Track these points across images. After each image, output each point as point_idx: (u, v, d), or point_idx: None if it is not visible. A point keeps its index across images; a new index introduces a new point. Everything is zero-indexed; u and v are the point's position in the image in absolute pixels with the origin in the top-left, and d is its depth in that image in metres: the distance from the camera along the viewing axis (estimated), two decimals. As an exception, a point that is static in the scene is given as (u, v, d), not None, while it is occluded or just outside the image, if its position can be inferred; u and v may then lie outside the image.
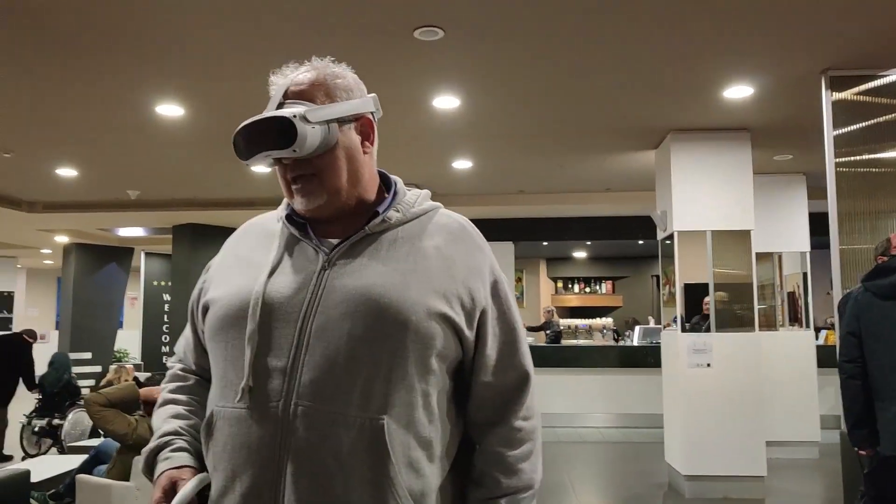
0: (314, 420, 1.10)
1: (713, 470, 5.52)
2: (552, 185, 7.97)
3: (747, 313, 5.70)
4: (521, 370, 1.27)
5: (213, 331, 1.22)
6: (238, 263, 1.27)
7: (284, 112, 1.18)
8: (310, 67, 1.28)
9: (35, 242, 12.27)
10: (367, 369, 1.12)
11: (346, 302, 1.14)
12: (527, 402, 1.27)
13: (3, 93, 4.75)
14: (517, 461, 1.23)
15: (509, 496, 1.21)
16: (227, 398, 1.17)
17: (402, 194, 1.32)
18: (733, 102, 5.08)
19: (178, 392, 1.33)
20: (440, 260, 1.22)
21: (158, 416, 1.30)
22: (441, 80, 4.63)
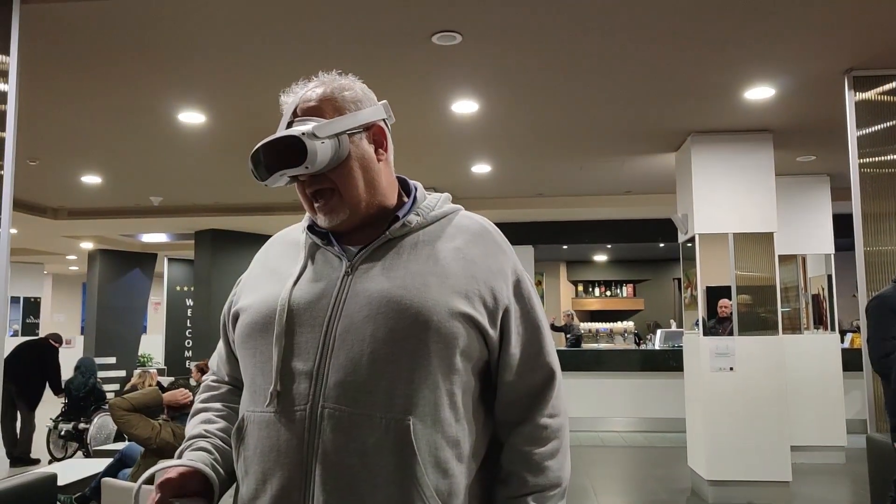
0: (340, 422, 1.11)
1: (737, 475, 5.46)
2: (572, 188, 7.95)
3: (770, 316, 5.64)
4: (547, 368, 1.28)
5: (243, 338, 1.25)
6: (266, 273, 1.31)
7: (293, 130, 1.20)
8: (317, 83, 1.29)
9: (61, 249, 12.47)
10: (391, 370, 1.13)
11: (369, 305, 1.16)
12: (552, 401, 1.27)
13: (29, 101, 4.83)
14: (543, 459, 1.23)
15: (536, 494, 1.21)
16: (256, 403, 1.19)
17: (421, 199, 1.33)
18: (755, 103, 5.03)
19: (210, 400, 1.37)
20: (461, 261, 1.23)
21: (190, 425, 1.33)
22: (459, 84, 4.64)
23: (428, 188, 1.38)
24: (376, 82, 1.32)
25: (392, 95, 4.85)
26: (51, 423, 7.72)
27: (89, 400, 7.82)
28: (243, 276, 1.41)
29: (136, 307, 12.55)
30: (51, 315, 17.43)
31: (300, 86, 1.30)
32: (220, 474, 1.23)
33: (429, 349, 1.14)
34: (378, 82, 1.34)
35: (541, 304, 1.33)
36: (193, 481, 1.18)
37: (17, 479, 3.15)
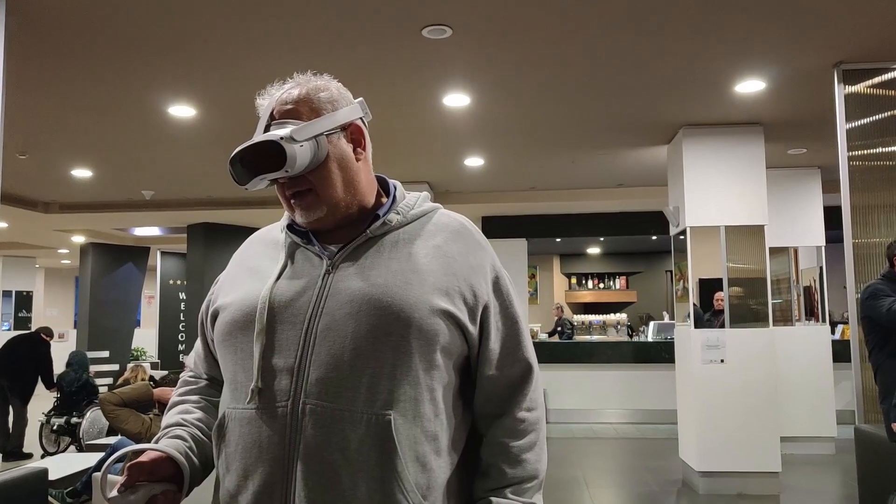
0: (322, 417, 1.12)
1: (728, 466, 5.50)
2: (564, 181, 7.95)
3: (762, 308, 5.66)
4: (525, 362, 1.30)
5: (222, 335, 1.26)
6: (245, 272, 1.32)
7: (271, 135, 1.20)
8: (293, 84, 1.30)
9: (52, 242, 12.42)
10: (372, 366, 1.14)
11: (350, 303, 1.17)
12: (530, 394, 1.29)
13: (18, 95, 4.81)
14: (521, 451, 1.25)
15: (514, 486, 1.23)
16: (237, 400, 1.20)
17: (401, 197, 1.34)
18: (745, 97, 5.04)
19: (187, 394, 1.40)
20: (441, 258, 1.24)
21: (167, 417, 1.35)
22: (450, 78, 4.63)
23: (420, 182, 1.40)
24: (367, 76, 1.33)
25: (383, 89, 4.87)
26: (43, 418, 7.72)
27: (81, 394, 7.82)
28: (221, 275, 1.41)
29: (129, 301, 12.52)
30: (43, 309, 17.37)
31: (275, 87, 1.31)
32: (192, 463, 1.24)
33: (410, 346, 1.15)
34: (369, 76, 1.35)
35: (518, 300, 1.35)
36: (165, 467, 1.18)
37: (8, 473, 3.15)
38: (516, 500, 1.22)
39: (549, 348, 9.63)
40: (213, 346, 1.34)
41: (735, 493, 5.46)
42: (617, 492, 5.93)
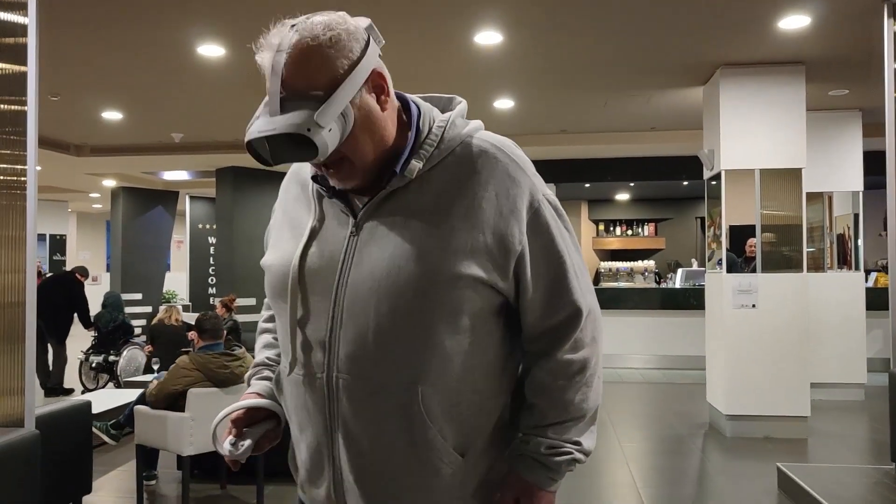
0: (354, 391, 1.16)
1: (755, 410, 5.52)
2: (595, 124, 7.81)
3: (795, 255, 5.58)
4: (573, 307, 1.21)
5: (269, 297, 1.32)
6: (286, 223, 1.31)
7: (294, 121, 1.07)
8: (298, 39, 1.11)
9: (84, 186, 12.56)
10: (398, 343, 1.14)
11: (372, 276, 1.14)
12: (577, 335, 1.22)
13: (49, 35, 4.79)
14: (563, 392, 1.22)
15: (556, 425, 1.22)
16: (287, 362, 1.26)
17: (424, 129, 1.21)
18: (788, 34, 4.87)
19: (270, 320, 1.45)
20: (467, 210, 1.15)
21: (257, 345, 1.46)
22: (483, 14, 4.52)
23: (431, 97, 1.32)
24: (397, 12, 1.26)
25: (412, 26, 4.77)
26: (82, 356, 7.95)
27: (118, 334, 8.03)
28: (274, 209, 1.40)
29: (160, 245, 12.70)
30: (76, 252, 17.72)
31: (275, 35, 1.14)
32: (276, 407, 1.34)
33: (434, 320, 1.14)
34: (399, 12, 1.28)
35: (566, 229, 1.25)
36: (262, 411, 1.32)
37: (54, 406, 3.25)
38: (556, 439, 1.21)
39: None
40: None
41: (762, 436, 5.48)
42: (644, 434, 5.99)
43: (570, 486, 4.44)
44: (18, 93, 2.87)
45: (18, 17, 2.88)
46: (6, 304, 2.70)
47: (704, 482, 4.66)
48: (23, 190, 2.78)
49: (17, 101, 2.88)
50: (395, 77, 1.25)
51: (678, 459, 5.10)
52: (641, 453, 5.34)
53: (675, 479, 4.71)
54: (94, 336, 8.11)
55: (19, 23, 2.88)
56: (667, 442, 5.58)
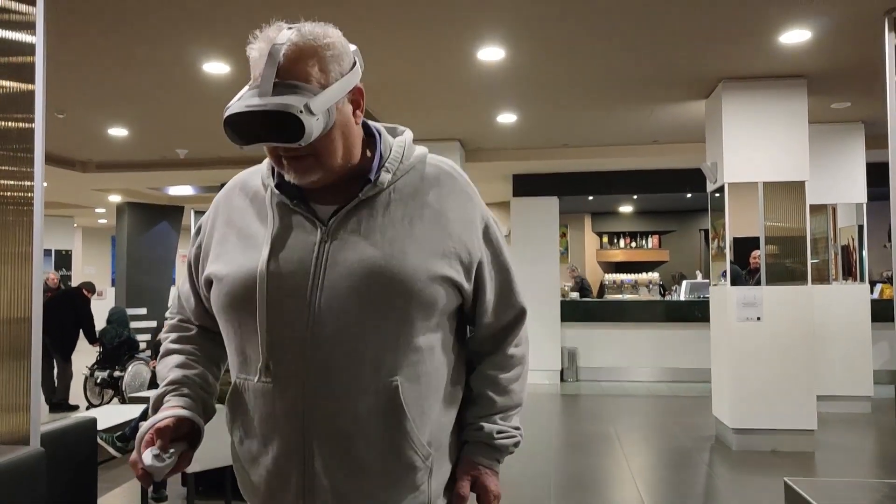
0: (332, 391, 1.17)
1: (762, 423, 5.49)
2: (598, 138, 7.83)
3: (799, 267, 5.57)
4: (518, 307, 1.38)
5: (222, 307, 1.26)
6: (234, 234, 1.29)
7: (287, 105, 1.11)
8: (297, 37, 1.17)
9: (90, 202, 12.62)
10: (377, 339, 1.18)
11: (350, 276, 1.18)
12: (520, 333, 1.39)
13: (55, 53, 4.84)
14: (509, 383, 1.36)
15: (502, 413, 1.35)
16: (248, 372, 1.24)
17: (387, 149, 1.29)
18: (790, 48, 4.89)
19: (181, 342, 1.40)
20: (434, 218, 1.25)
21: (164, 366, 1.37)
22: (486, 30, 4.55)
23: (451, 139, 1.38)
24: (401, 28, 1.27)
25: (416, 42, 4.80)
26: (87, 371, 7.95)
27: (123, 349, 8.03)
28: (205, 221, 1.38)
29: (165, 259, 12.72)
30: (82, 267, 17.76)
31: (273, 30, 1.20)
32: (201, 424, 1.31)
33: (411, 316, 1.20)
34: (401, 27, 1.29)
35: (505, 243, 1.39)
36: (184, 426, 1.25)
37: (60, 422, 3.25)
38: (504, 425, 1.35)
39: (581, 307, 9.62)
40: (206, 301, 1.35)
41: (769, 449, 5.45)
42: (650, 448, 5.96)
43: (577, 502, 4.42)
44: (26, 110, 2.90)
45: (26, 36, 2.91)
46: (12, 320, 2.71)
47: (711, 497, 4.64)
48: (30, 206, 2.79)
49: (24, 118, 2.90)
50: (399, 91, 1.30)
51: (685, 474, 5.07)
52: (648, 467, 5.31)
53: (682, 493, 4.68)
54: (98, 351, 8.12)
55: (27, 42, 2.91)
56: (673, 456, 5.55)
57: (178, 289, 1.47)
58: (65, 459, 3.06)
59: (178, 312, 1.46)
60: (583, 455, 5.57)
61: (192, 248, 1.39)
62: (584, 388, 8.79)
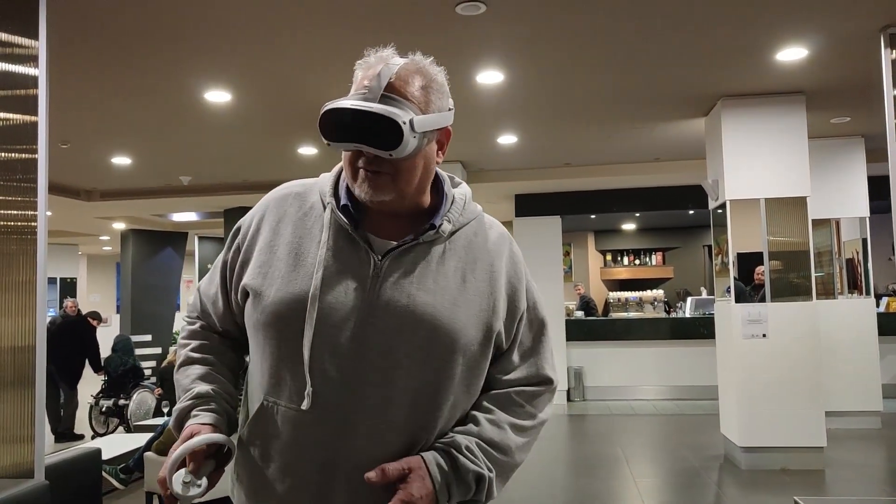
0: (370, 430, 1.16)
1: (771, 441, 5.44)
2: (599, 156, 7.86)
3: (804, 282, 5.56)
4: (544, 376, 1.36)
5: (263, 325, 1.23)
6: (285, 248, 1.25)
7: (395, 112, 1.14)
8: (412, 63, 1.23)
9: (94, 230, 12.68)
10: (418, 388, 1.18)
11: (400, 319, 1.18)
12: (542, 399, 1.35)
13: (58, 84, 4.89)
14: (508, 423, 1.29)
15: (485, 442, 1.23)
16: (280, 395, 1.20)
17: (450, 197, 1.31)
18: (787, 65, 4.92)
19: (203, 351, 1.35)
20: (487, 276, 1.27)
21: (185, 376, 1.32)
22: (484, 55, 4.59)
23: (454, 161, 1.40)
24: (400, 53, 1.29)
25: (416, 67, 4.83)
26: (92, 400, 7.93)
27: (128, 377, 8.02)
28: (248, 224, 1.33)
29: (170, 285, 12.74)
30: (87, 295, 17.80)
31: (389, 52, 1.25)
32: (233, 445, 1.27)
33: (454, 371, 1.21)
34: (402, 53, 1.31)
35: (545, 308, 1.40)
36: (213, 446, 1.20)
37: (63, 454, 3.25)
38: (478, 452, 1.21)
39: (587, 326, 9.59)
40: (236, 308, 1.32)
41: (778, 467, 5.40)
42: (658, 468, 5.91)
43: (584, 524, 4.38)
44: (29, 141, 2.93)
45: (30, 69, 2.95)
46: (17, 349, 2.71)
47: (721, 516, 4.58)
48: (33, 235, 2.82)
49: (28, 149, 2.94)
50: None
51: (694, 494, 5.02)
52: (656, 488, 5.26)
53: (692, 513, 4.63)
54: (104, 380, 8.10)
55: (30, 75, 2.95)
56: (681, 476, 5.50)
57: (202, 291, 1.40)
58: (69, 492, 3.05)
59: (199, 317, 1.40)
60: (590, 476, 5.53)
61: (229, 251, 1.34)
62: (591, 407, 8.73)
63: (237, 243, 1.32)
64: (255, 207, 1.35)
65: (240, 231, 1.34)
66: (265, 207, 1.33)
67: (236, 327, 1.35)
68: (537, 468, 5.94)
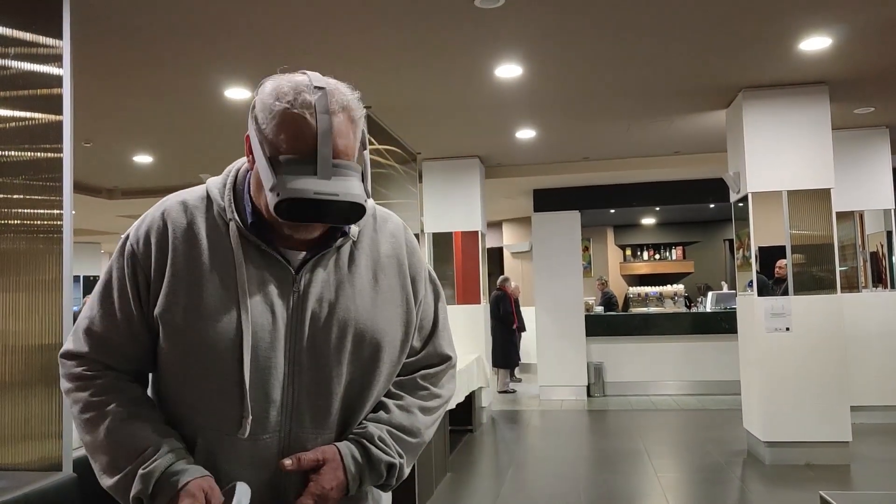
0: (307, 442, 1.21)
1: (795, 436, 5.38)
2: (618, 150, 7.81)
3: (828, 275, 5.49)
4: (443, 354, 1.40)
5: (185, 357, 1.18)
6: (198, 275, 1.18)
7: (355, 192, 1.12)
8: (338, 106, 1.14)
9: (116, 228, 12.81)
10: (349, 394, 1.24)
11: (326, 330, 1.21)
12: (444, 378, 1.39)
13: (81, 83, 4.94)
14: (416, 406, 1.34)
15: (395, 428, 1.28)
16: (222, 428, 1.18)
17: None
18: (810, 55, 4.85)
19: (130, 404, 1.20)
20: (395, 269, 1.31)
21: (123, 434, 1.16)
22: (503, 48, 4.58)
23: (471, 156, 1.40)
24: (419, 48, 1.29)
25: (434, 61, 4.84)
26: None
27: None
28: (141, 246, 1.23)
29: (190, 283, 12.85)
30: (109, 293, 18.00)
31: (303, 88, 1.14)
32: None
33: (381, 370, 1.26)
34: (420, 48, 1.30)
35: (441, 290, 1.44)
36: None
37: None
38: (390, 441, 1.25)
39: (606, 321, 9.55)
40: (145, 339, 1.22)
41: (802, 462, 5.34)
42: (680, 463, 5.87)
43: (606, 519, 4.36)
44: (54, 141, 2.97)
45: (54, 69, 2.98)
46: (44, 347, 2.75)
47: (745, 512, 4.55)
48: (59, 234, 2.85)
49: (53, 148, 2.97)
50: (418, 109, 1.33)
51: (717, 489, 4.98)
52: (679, 483, 5.23)
53: (715, 508, 4.60)
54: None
55: (55, 74, 2.99)
56: (704, 471, 5.46)
57: (91, 326, 1.22)
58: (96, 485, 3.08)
59: (96, 358, 1.22)
60: (612, 472, 5.51)
61: (124, 277, 1.21)
62: (612, 403, 8.69)
63: (134, 267, 1.21)
64: (142, 226, 1.25)
65: (133, 253, 1.22)
66: (156, 225, 1.23)
67: (143, 363, 1.25)
68: (559, 463, 5.93)
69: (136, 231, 1.26)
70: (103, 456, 1.18)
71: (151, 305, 1.20)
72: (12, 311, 2.74)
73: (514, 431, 7.40)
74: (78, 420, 1.21)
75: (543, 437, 7.17)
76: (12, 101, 2.94)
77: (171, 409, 1.23)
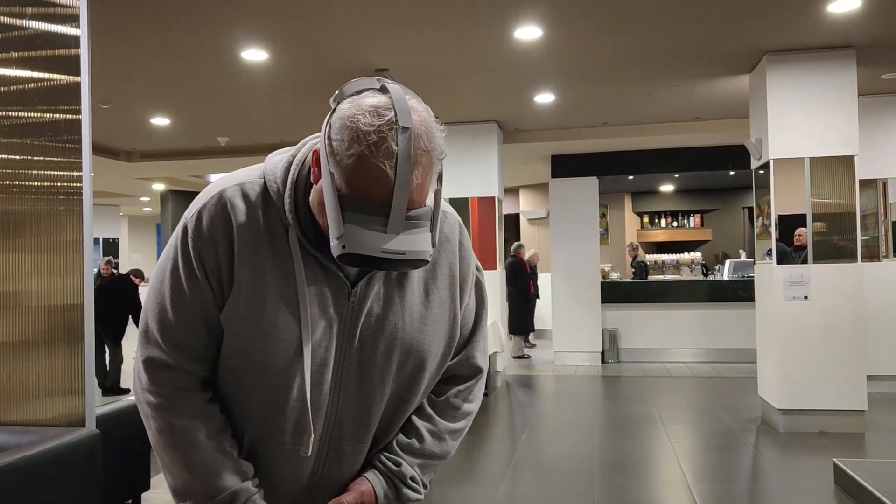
0: (347, 454, 1.23)
1: (810, 404, 5.38)
2: (638, 116, 7.71)
3: (849, 244, 5.42)
4: (475, 366, 1.36)
5: (244, 367, 1.16)
6: (263, 289, 1.14)
7: (425, 249, 1.05)
8: (422, 150, 1.03)
9: (134, 191, 12.91)
10: (390, 408, 1.24)
11: (373, 346, 1.20)
12: (475, 390, 1.37)
13: (99, 44, 4.93)
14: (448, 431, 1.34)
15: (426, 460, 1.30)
16: (271, 436, 1.19)
17: None
18: (838, 17, 4.73)
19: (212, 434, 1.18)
20: (447, 281, 1.26)
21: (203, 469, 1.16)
22: (522, 9, 4.50)
23: (489, 121, 1.35)
24: (437, 10, 1.25)
25: (453, 22, 4.77)
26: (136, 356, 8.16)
27: (170, 334, 8.19)
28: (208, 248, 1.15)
29: (208, 245, 12.95)
30: (129, 255, 18.20)
31: (382, 120, 1.02)
32: None
33: (420, 387, 1.26)
34: (439, 9, 1.26)
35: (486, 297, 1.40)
36: None
37: (113, 405, 3.36)
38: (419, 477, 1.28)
39: (622, 288, 9.53)
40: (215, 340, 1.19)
41: (817, 430, 5.35)
42: (694, 429, 5.90)
43: (620, 484, 4.41)
44: (73, 102, 2.97)
45: (71, 29, 2.97)
46: (66, 307, 2.79)
47: (758, 478, 4.58)
48: (79, 195, 2.87)
49: (71, 110, 2.97)
50: (436, 72, 1.27)
51: (730, 455, 5.01)
52: (692, 449, 5.27)
53: (728, 475, 4.63)
54: (147, 336, 8.30)
55: (72, 35, 2.98)
56: (718, 437, 5.49)
57: (170, 331, 1.17)
58: (119, 440, 3.16)
59: (182, 367, 1.18)
60: (625, 437, 5.55)
61: (194, 273, 1.15)
62: (626, 369, 8.72)
63: (203, 266, 1.15)
64: (203, 219, 1.16)
65: (199, 252, 1.15)
66: (218, 218, 1.15)
67: (214, 364, 1.21)
68: (573, 429, 5.99)
69: (196, 225, 1.16)
70: (178, 479, 1.20)
71: (220, 307, 1.16)
72: (35, 271, 2.78)
73: (529, 396, 7.46)
74: (156, 436, 1.20)
75: (557, 402, 7.23)
76: (30, 61, 2.94)
77: (224, 403, 1.22)
